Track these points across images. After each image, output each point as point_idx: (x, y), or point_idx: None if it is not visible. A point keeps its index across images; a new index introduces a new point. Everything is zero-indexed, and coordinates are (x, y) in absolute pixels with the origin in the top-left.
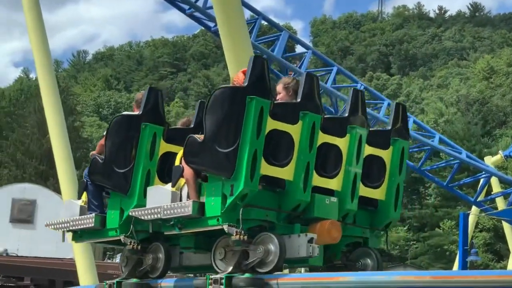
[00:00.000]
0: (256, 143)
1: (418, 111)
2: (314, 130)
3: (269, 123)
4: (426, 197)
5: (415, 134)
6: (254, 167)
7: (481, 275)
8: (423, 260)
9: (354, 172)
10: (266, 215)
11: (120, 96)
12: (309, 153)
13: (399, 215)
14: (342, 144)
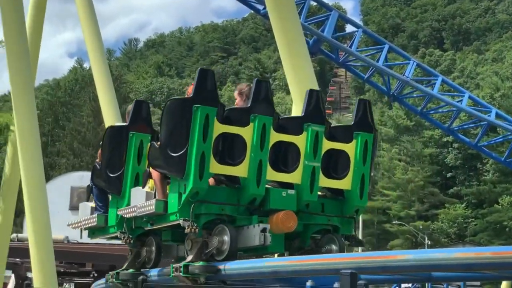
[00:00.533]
0: (203, 146)
1: (473, 86)
2: (265, 131)
3: (218, 128)
4: (483, 173)
5: (471, 109)
6: (203, 167)
7: None
8: (482, 237)
9: (312, 166)
10: (222, 209)
11: (173, 82)
12: (261, 152)
13: (365, 202)
14: (299, 141)
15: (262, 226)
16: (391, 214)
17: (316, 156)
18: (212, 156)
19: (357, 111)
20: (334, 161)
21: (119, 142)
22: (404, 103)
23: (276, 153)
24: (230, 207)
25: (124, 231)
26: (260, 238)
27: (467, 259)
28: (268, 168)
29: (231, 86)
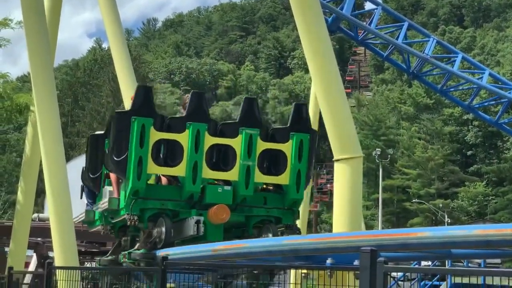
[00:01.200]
0: (141, 151)
1: (493, 63)
2: (199, 136)
3: (155, 135)
4: (504, 151)
5: (491, 86)
6: (141, 169)
7: None
8: (502, 215)
9: (247, 165)
10: (162, 204)
11: (191, 62)
12: (196, 154)
13: (302, 196)
14: (235, 144)
15: (196, 218)
16: (410, 192)
17: (251, 156)
18: (150, 159)
19: (293, 114)
20: (273, 159)
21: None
22: (424, 80)
23: (214, 155)
24: (171, 202)
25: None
26: (194, 229)
27: (487, 236)
28: (206, 168)
29: (249, 66)
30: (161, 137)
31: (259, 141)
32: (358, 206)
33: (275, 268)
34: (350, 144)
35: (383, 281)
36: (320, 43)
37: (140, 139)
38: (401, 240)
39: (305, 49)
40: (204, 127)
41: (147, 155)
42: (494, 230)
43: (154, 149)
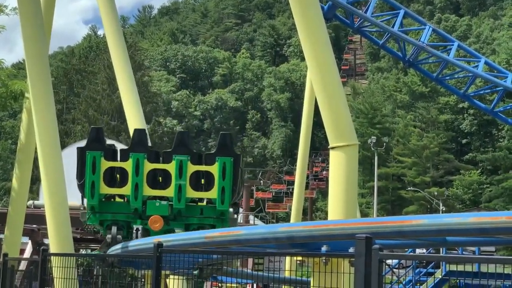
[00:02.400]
0: (93, 177)
1: (489, 51)
2: (139, 163)
3: (105, 164)
4: (499, 139)
5: (487, 75)
6: (93, 190)
7: None
8: (497, 204)
9: (179, 184)
10: (113, 216)
11: (187, 49)
12: (137, 177)
13: (226, 207)
14: (170, 168)
15: (135, 227)
16: (406, 180)
17: (182, 176)
18: (102, 182)
19: (219, 141)
20: (205, 178)
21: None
22: (420, 69)
23: (155, 176)
24: (122, 215)
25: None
26: (134, 235)
27: (482, 224)
28: (147, 187)
29: (245, 53)
30: (110, 165)
31: (189, 165)
32: (354, 193)
33: (270, 256)
34: (345, 132)
35: (378, 268)
36: (316, 30)
37: (92, 167)
38: (396, 228)
39: (301, 36)
40: (143, 156)
41: (99, 179)
42: (489, 218)
43: (106, 174)
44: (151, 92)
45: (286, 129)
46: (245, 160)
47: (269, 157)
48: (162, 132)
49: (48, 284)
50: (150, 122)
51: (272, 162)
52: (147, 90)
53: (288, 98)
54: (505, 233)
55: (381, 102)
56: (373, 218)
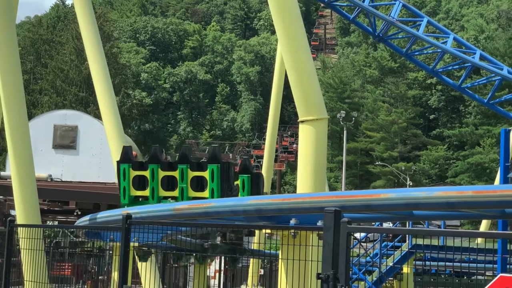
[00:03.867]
0: (124, 183)
1: (458, 28)
2: (154, 172)
3: (132, 173)
4: (466, 115)
5: (455, 51)
6: (125, 193)
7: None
8: (463, 179)
9: (182, 186)
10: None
11: (157, 21)
12: (153, 182)
13: None
14: (176, 174)
15: None
16: (374, 155)
17: (183, 180)
18: (131, 186)
19: (211, 153)
20: (200, 181)
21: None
22: (389, 44)
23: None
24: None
25: None
26: None
27: (448, 198)
28: (161, 190)
29: (215, 26)
30: (136, 174)
31: (189, 172)
32: (322, 167)
33: (238, 228)
34: (315, 106)
35: (346, 241)
36: (287, 4)
37: (123, 175)
38: (365, 202)
39: (272, 10)
40: (157, 166)
41: (128, 184)
42: (455, 192)
43: (134, 180)
44: (120, 63)
45: (256, 103)
46: (213, 133)
47: (238, 130)
48: (131, 104)
49: (15, 255)
50: (119, 94)
51: (241, 136)
52: (116, 62)
53: (258, 72)
54: (471, 207)
55: (351, 76)
56: (342, 191)
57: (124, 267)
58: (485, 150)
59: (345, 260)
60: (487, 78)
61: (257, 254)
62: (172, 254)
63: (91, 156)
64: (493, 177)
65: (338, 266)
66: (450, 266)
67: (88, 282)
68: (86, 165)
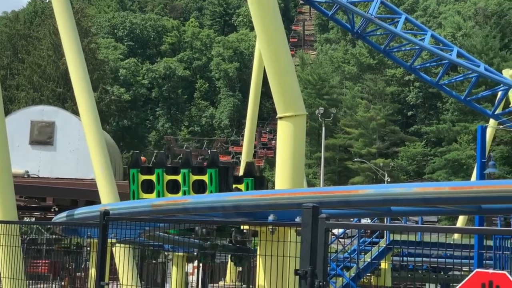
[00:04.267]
0: (133, 186)
1: (435, 25)
2: (159, 176)
3: (140, 177)
4: (443, 111)
5: (433, 48)
6: (134, 196)
7: (499, 185)
8: (440, 175)
9: (184, 189)
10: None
11: (135, 17)
12: (158, 185)
13: None
14: (179, 178)
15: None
16: (352, 151)
17: (185, 184)
18: (140, 190)
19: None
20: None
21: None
22: (368, 40)
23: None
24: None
25: None
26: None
27: (425, 194)
28: (166, 192)
29: (194, 22)
30: (144, 178)
31: (191, 176)
32: (301, 164)
33: (217, 224)
34: (293, 102)
35: (324, 237)
36: (266, 1)
37: (133, 179)
38: (343, 198)
39: (251, 7)
40: (162, 171)
41: (137, 188)
42: (432, 188)
43: (143, 184)
44: (98, 59)
45: (234, 99)
46: (192, 130)
47: (217, 126)
48: (109, 100)
49: None
50: (97, 89)
51: (220, 132)
52: (94, 57)
53: (237, 68)
54: (447, 203)
55: (329, 73)
56: (320, 188)
57: (101, 264)
58: (462, 146)
59: (323, 256)
60: (464, 75)
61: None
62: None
63: (69, 152)
64: (470, 173)
65: (316, 262)
66: (427, 262)
67: (66, 279)
68: (64, 161)
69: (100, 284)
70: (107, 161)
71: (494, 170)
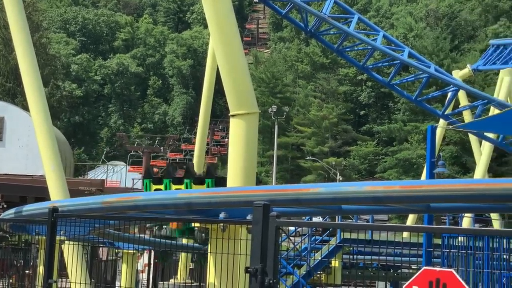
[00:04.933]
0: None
1: (387, 26)
2: (167, 186)
3: (152, 187)
4: (395, 111)
5: (385, 48)
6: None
7: (447, 184)
8: (391, 174)
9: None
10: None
11: (88, 12)
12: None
13: None
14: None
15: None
16: (305, 150)
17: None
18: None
19: (207, 169)
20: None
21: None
22: (321, 40)
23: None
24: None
25: None
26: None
27: (375, 192)
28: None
29: (148, 19)
30: (155, 187)
31: (192, 185)
32: (253, 161)
33: (167, 221)
34: (246, 100)
35: (275, 235)
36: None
37: (146, 189)
38: (294, 196)
39: (204, 4)
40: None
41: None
42: (382, 187)
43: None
44: (50, 54)
45: (188, 96)
46: (145, 126)
47: (170, 124)
48: (60, 95)
49: None
50: (48, 85)
51: (173, 129)
52: (45, 53)
53: (190, 65)
54: (397, 201)
55: (283, 71)
56: (272, 186)
57: (49, 261)
58: (413, 146)
59: (274, 254)
60: (415, 76)
61: (186, 248)
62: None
63: (18, 148)
64: (420, 172)
65: (267, 260)
66: (378, 260)
67: (13, 276)
68: (13, 157)
69: (48, 282)
70: (57, 158)
71: (444, 169)
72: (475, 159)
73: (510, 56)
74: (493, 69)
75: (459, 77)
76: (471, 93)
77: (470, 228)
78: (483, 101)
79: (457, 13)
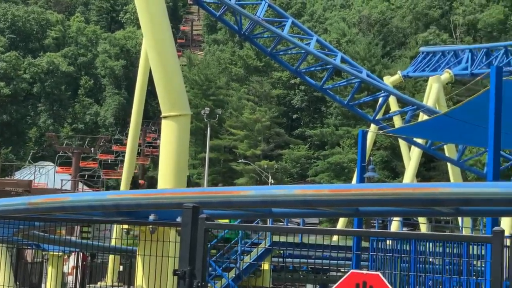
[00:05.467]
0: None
1: (321, 30)
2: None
3: None
4: (327, 115)
5: (318, 52)
6: None
7: (375, 188)
8: (323, 178)
9: None
10: None
11: (17, 9)
12: None
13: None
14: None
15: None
16: (237, 152)
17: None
18: None
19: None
20: None
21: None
22: (255, 43)
23: None
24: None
25: None
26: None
27: (305, 196)
28: None
29: (80, 17)
30: None
31: None
32: (184, 163)
33: (95, 223)
34: (178, 102)
35: (204, 237)
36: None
37: None
38: (224, 198)
39: (137, 4)
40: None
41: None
42: (312, 191)
43: None
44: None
45: (120, 97)
46: (75, 127)
47: (101, 124)
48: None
49: None
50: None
51: (104, 130)
52: None
53: (123, 66)
54: (327, 205)
55: (216, 74)
56: (202, 188)
57: None
58: (345, 150)
59: (202, 257)
60: (347, 80)
61: (114, 249)
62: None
63: None
64: (351, 176)
65: (195, 262)
66: (306, 263)
67: None
68: None
69: None
70: None
71: (374, 174)
72: (405, 163)
73: (439, 63)
74: (423, 76)
75: (390, 83)
76: (401, 99)
77: (398, 231)
78: (413, 107)
79: (389, 20)
